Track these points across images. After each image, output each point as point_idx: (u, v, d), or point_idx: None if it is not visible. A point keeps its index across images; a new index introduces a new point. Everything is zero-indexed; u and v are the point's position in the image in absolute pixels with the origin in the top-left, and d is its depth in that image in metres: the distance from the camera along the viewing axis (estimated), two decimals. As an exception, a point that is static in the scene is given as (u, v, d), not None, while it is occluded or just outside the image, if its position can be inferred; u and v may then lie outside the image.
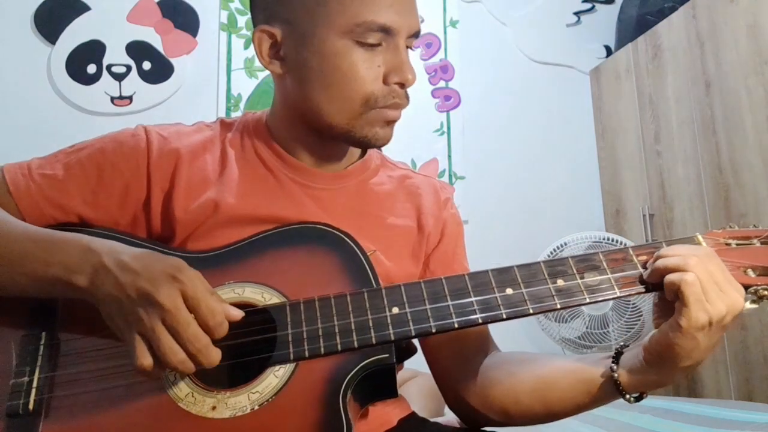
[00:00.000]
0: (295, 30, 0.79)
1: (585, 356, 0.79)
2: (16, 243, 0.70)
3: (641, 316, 2.17)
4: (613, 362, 0.72)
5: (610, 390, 0.71)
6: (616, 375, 0.70)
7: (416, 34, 0.81)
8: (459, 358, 0.85)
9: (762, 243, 0.73)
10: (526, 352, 0.86)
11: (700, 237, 0.73)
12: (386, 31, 0.77)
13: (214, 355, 0.62)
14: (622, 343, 0.74)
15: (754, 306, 0.69)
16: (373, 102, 0.78)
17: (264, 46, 0.82)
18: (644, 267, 0.70)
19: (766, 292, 0.69)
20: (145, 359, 0.61)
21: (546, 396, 0.76)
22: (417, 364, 0.90)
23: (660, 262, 0.67)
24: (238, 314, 0.65)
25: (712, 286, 0.64)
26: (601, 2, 2.93)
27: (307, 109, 0.81)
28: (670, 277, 0.65)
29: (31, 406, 0.66)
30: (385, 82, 0.78)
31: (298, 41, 0.79)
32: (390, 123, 0.82)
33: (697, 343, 0.65)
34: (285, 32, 0.80)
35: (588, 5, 2.92)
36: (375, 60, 0.78)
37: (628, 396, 0.70)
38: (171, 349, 0.60)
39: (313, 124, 0.82)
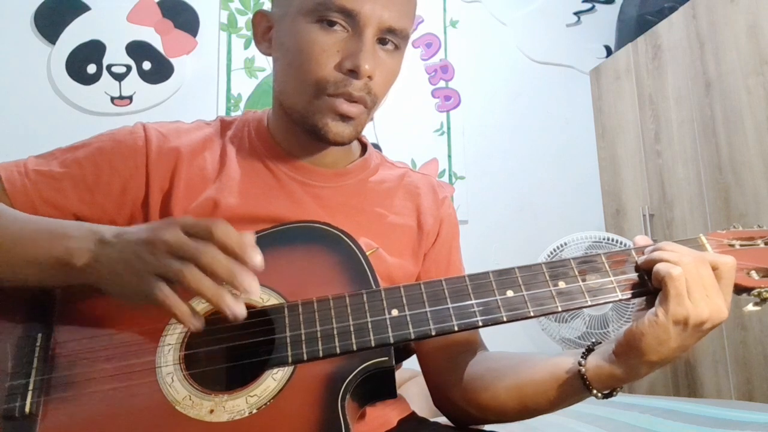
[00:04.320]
0: (280, 13, 0.81)
1: (563, 353, 0.78)
2: (18, 231, 0.69)
3: (641, 316, 2.17)
4: (582, 357, 0.71)
5: (578, 385, 0.70)
6: (583, 369, 0.69)
7: (392, 30, 0.77)
8: (447, 356, 0.85)
9: (766, 244, 0.71)
10: (513, 351, 0.85)
11: (703, 238, 0.72)
12: (348, 14, 0.74)
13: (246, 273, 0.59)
14: (594, 341, 0.73)
15: (757, 308, 0.68)
16: (323, 87, 0.76)
17: (260, 28, 0.86)
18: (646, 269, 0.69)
19: None
20: (174, 299, 0.59)
21: (521, 392, 0.75)
22: (417, 364, 0.90)
23: (656, 253, 0.67)
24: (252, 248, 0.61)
25: (698, 288, 0.63)
26: (601, 2, 2.93)
27: (279, 93, 0.83)
28: (658, 266, 0.65)
29: (27, 409, 0.65)
30: (339, 68, 0.76)
31: (279, 24, 0.82)
32: (344, 118, 0.77)
33: (668, 337, 0.64)
34: (276, 17, 0.83)
35: (588, 5, 2.92)
36: (334, 45, 0.75)
37: (595, 391, 0.69)
38: (194, 275, 0.58)
39: (285, 109, 0.83)
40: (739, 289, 0.69)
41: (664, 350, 0.64)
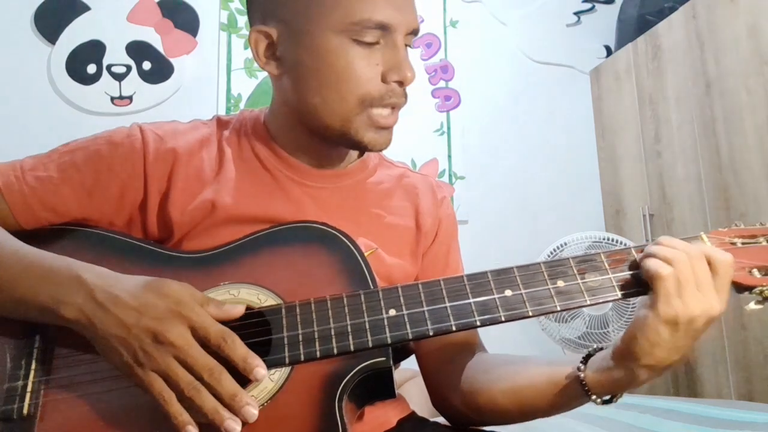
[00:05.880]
0: (291, 29, 0.78)
1: (563, 358, 0.78)
2: (4, 268, 0.69)
3: (641, 316, 2.17)
4: (581, 362, 0.70)
5: (577, 390, 0.69)
6: (582, 375, 0.69)
7: (415, 32, 0.80)
8: (445, 357, 0.85)
9: None
10: (511, 354, 0.84)
11: (704, 237, 0.71)
12: (384, 28, 0.75)
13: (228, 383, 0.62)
14: (595, 347, 0.73)
15: (759, 306, 0.67)
16: (369, 101, 0.77)
17: (260, 47, 0.80)
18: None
19: None
20: (169, 395, 0.61)
21: (520, 395, 0.75)
22: (417, 364, 0.90)
23: (651, 249, 0.66)
24: (238, 311, 0.67)
25: (690, 286, 0.62)
26: (601, 2, 2.93)
27: (304, 111, 0.80)
28: (648, 264, 0.65)
29: (25, 411, 0.65)
30: (383, 80, 0.77)
31: (293, 40, 0.78)
32: (386, 128, 0.80)
33: (659, 338, 0.63)
34: (280, 32, 0.79)
35: (588, 5, 2.92)
36: (373, 58, 0.76)
37: (594, 397, 0.68)
38: (201, 396, 0.60)
39: (310, 125, 0.81)
40: (741, 288, 0.68)
41: (659, 352, 0.63)
